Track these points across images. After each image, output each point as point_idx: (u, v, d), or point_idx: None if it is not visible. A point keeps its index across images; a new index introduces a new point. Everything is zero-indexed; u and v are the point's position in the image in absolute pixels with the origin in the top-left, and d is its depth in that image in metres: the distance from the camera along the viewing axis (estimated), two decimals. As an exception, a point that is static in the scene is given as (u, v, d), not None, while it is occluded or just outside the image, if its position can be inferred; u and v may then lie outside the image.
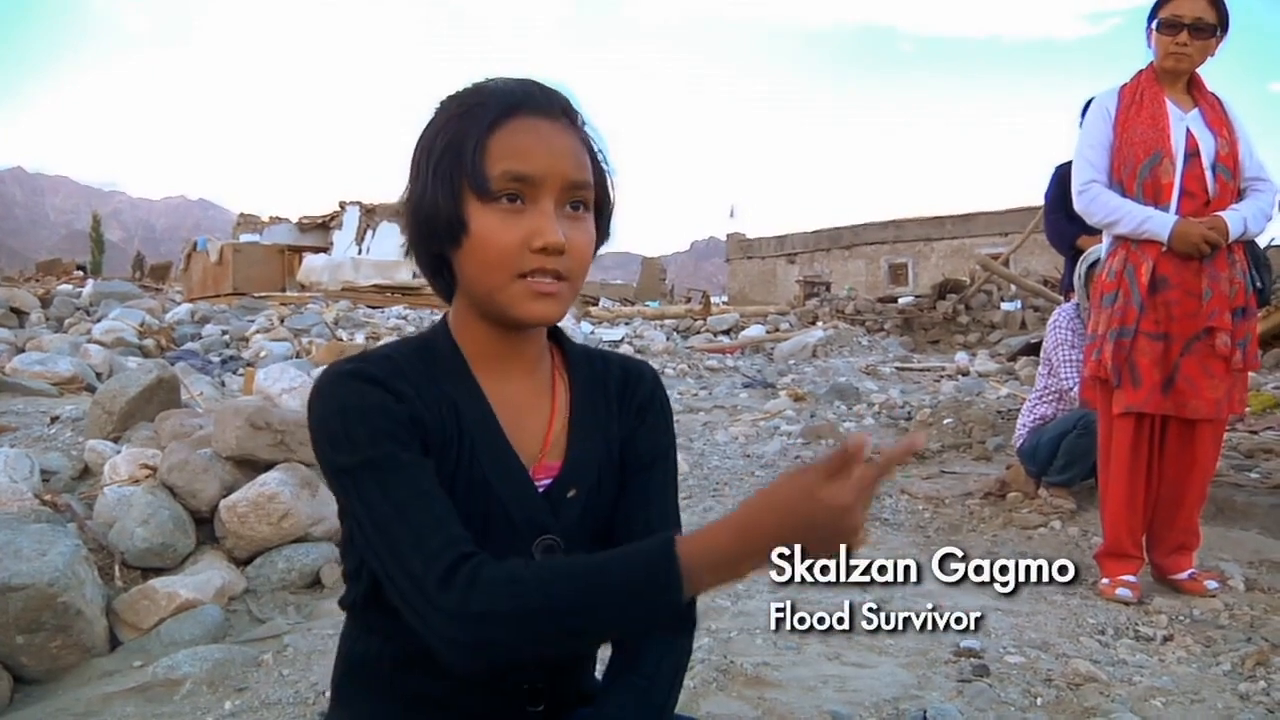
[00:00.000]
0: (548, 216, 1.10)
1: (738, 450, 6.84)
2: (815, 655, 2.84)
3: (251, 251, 28.94)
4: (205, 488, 3.71)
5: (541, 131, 1.12)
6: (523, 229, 1.10)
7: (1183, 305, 3.32)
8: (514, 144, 1.10)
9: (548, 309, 1.12)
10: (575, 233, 1.13)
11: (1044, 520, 4.50)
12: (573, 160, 1.13)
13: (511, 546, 1.16)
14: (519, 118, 1.12)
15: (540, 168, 1.10)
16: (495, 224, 1.10)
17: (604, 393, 1.29)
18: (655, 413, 1.31)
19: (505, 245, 1.09)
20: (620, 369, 1.32)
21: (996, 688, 2.57)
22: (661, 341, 15.85)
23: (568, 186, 1.12)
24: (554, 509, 1.20)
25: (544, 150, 1.11)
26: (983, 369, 11.89)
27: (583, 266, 1.15)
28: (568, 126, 1.15)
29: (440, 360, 1.19)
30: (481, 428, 1.17)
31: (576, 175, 1.13)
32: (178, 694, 2.66)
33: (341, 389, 1.10)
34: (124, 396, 4.85)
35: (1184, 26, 3.33)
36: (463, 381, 1.19)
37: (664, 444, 1.32)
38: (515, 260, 1.10)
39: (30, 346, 10.66)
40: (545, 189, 1.11)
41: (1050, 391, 4.75)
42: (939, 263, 34.12)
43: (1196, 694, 2.57)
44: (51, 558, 2.91)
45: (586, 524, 1.22)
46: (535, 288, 1.11)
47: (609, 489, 1.25)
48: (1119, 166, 3.43)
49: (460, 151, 1.11)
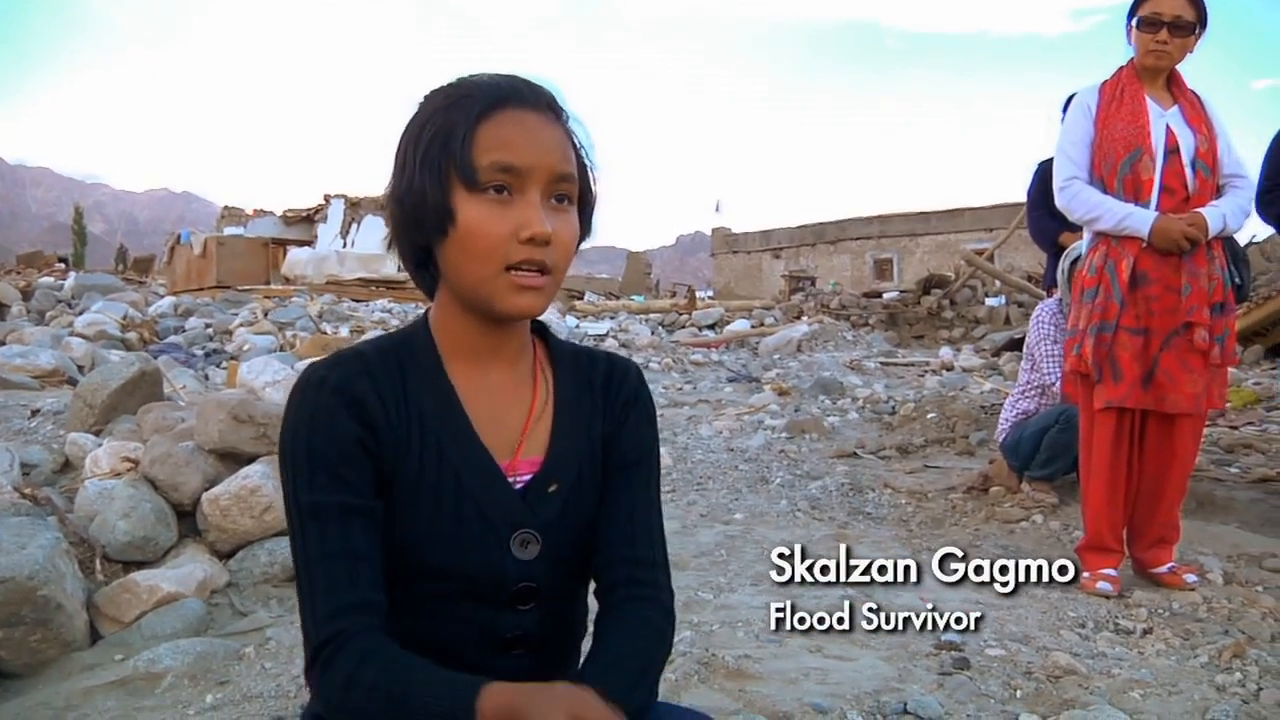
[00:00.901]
0: (535, 207, 1.11)
1: (721, 444, 6.86)
2: (797, 648, 2.85)
3: (235, 244, 28.76)
4: (187, 481, 3.70)
5: (528, 124, 1.12)
6: (511, 220, 1.10)
7: (1162, 301, 3.34)
8: (502, 135, 1.11)
9: (531, 302, 1.13)
10: (560, 225, 1.13)
11: (1026, 514, 4.53)
12: (559, 153, 1.13)
13: (487, 542, 1.17)
14: (506, 110, 1.12)
15: (528, 159, 1.10)
16: (483, 214, 1.10)
17: (589, 389, 1.29)
18: (639, 411, 1.31)
19: (493, 235, 1.10)
20: (606, 365, 1.32)
21: (977, 680, 2.58)
22: (646, 336, 15.86)
23: (554, 179, 1.13)
24: (533, 503, 1.20)
25: (531, 142, 1.11)
26: (967, 364, 11.95)
27: (566, 260, 1.15)
28: (553, 120, 1.16)
29: (415, 357, 1.20)
30: (450, 425, 1.18)
31: (562, 168, 1.13)
32: (159, 687, 2.65)
33: (310, 406, 1.13)
34: (106, 389, 4.83)
35: (1164, 24, 3.35)
36: (434, 380, 1.19)
37: (647, 443, 1.32)
38: (503, 251, 1.10)
39: (11, 339, 10.59)
40: (532, 180, 1.11)
41: (1033, 386, 4.77)
42: (924, 258, 34.23)
43: (1174, 686, 2.59)
44: (31, 551, 2.89)
45: (568, 519, 1.22)
46: (519, 280, 1.11)
47: (591, 484, 1.25)
48: (1099, 163, 3.45)
49: (448, 142, 1.11)
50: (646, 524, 1.27)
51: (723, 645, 2.86)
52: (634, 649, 1.18)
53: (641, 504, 1.28)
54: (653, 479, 1.32)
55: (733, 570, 3.73)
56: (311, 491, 1.12)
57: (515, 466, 1.21)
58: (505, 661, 1.20)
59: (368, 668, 1.05)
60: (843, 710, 2.40)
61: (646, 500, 1.29)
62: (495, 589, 1.18)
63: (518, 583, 1.19)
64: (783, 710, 2.39)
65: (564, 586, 1.25)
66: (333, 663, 1.07)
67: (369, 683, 1.04)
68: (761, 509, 4.90)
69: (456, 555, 1.16)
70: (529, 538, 1.18)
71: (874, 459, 6.34)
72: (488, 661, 1.18)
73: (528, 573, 1.19)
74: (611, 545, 1.24)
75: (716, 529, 4.47)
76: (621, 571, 1.24)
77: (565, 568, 1.23)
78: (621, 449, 1.28)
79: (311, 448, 1.12)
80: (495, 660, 1.20)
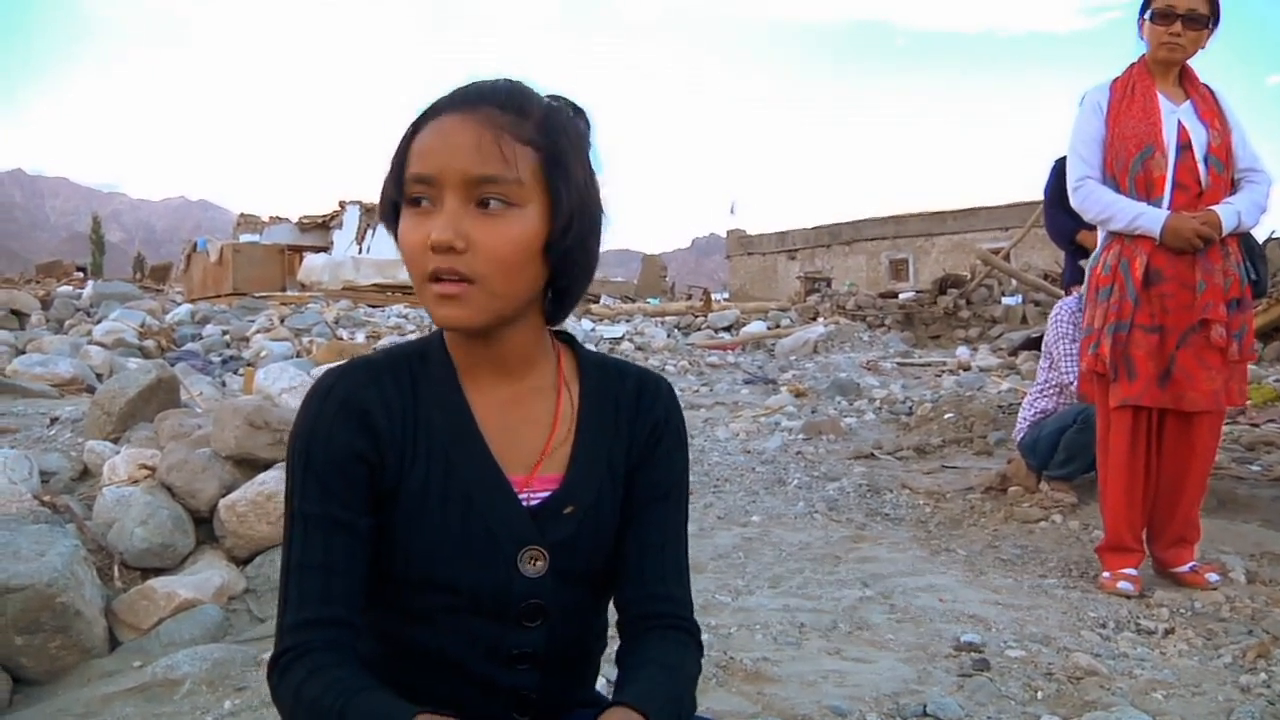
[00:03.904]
0: (444, 215, 1.06)
1: (738, 446, 6.84)
2: (815, 650, 2.84)
3: (252, 251, 28.92)
4: (204, 487, 3.71)
5: (445, 129, 1.08)
6: (425, 229, 1.06)
7: (1177, 298, 3.32)
8: (420, 146, 1.08)
9: (450, 312, 1.08)
10: (481, 231, 1.06)
11: (1045, 514, 4.50)
12: (474, 155, 1.06)
13: (494, 558, 1.15)
14: (435, 118, 1.09)
15: (435, 166, 1.06)
16: (407, 226, 1.09)
17: (614, 407, 1.25)
18: (670, 436, 1.27)
19: (411, 246, 1.08)
20: (636, 383, 1.27)
21: (997, 682, 2.56)
22: (662, 338, 15.86)
23: (469, 182, 1.06)
24: (545, 522, 1.17)
25: (442, 148, 1.06)
26: (984, 364, 11.89)
27: (493, 266, 1.07)
28: (484, 120, 1.07)
29: (428, 367, 1.18)
30: (459, 437, 1.16)
31: (477, 170, 1.06)
32: (177, 694, 2.65)
33: (312, 415, 1.14)
34: (123, 397, 4.85)
35: (1177, 17, 3.33)
36: (446, 391, 1.17)
37: (679, 470, 1.28)
38: (421, 261, 1.07)
39: (30, 348, 10.66)
40: (446, 188, 1.06)
41: (1051, 385, 4.75)
42: (939, 258, 34.12)
43: (1198, 687, 2.57)
44: (50, 558, 2.90)
45: (582, 541, 1.19)
46: (437, 290, 1.07)
47: (610, 506, 1.22)
48: (1112, 161, 3.43)
49: (395, 162, 1.11)
50: (677, 559, 1.25)
51: (741, 648, 2.85)
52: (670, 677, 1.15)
53: (672, 538, 1.25)
54: (683, 506, 1.29)
55: (750, 573, 3.72)
56: (303, 500, 1.13)
57: (530, 483, 1.18)
58: (512, 676, 1.18)
59: (314, 683, 1.06)
60: (862, 713, 2.38)
61: (677, 534, 1.26)
62: (501, 605, 1.16)
63: (524, 600, 1.16)
64: (801, 713, 2.37)
65: (574, 605, 1.21)
66: (288, 672, 1.08)
67: (311, 698, 1.05)
68: (779, 511, 4.89)
69: (462, 569, 1.14)
70: (537, 554, 1.16)
71: (891, 460, 6.32)
72: (495, 675, 1.17)
73: (535, 590, 1.16)
74: (645, 581, 1.22)
75: (734, 531, 4.46)
76: (654, 607, 1.21)
77: (576, 587, 1.20)
78: (653, 479, 1.25)
79: (309, 456, 1.12)
80: (502, 674, 1.18)
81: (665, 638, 1.20)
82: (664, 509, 1.25)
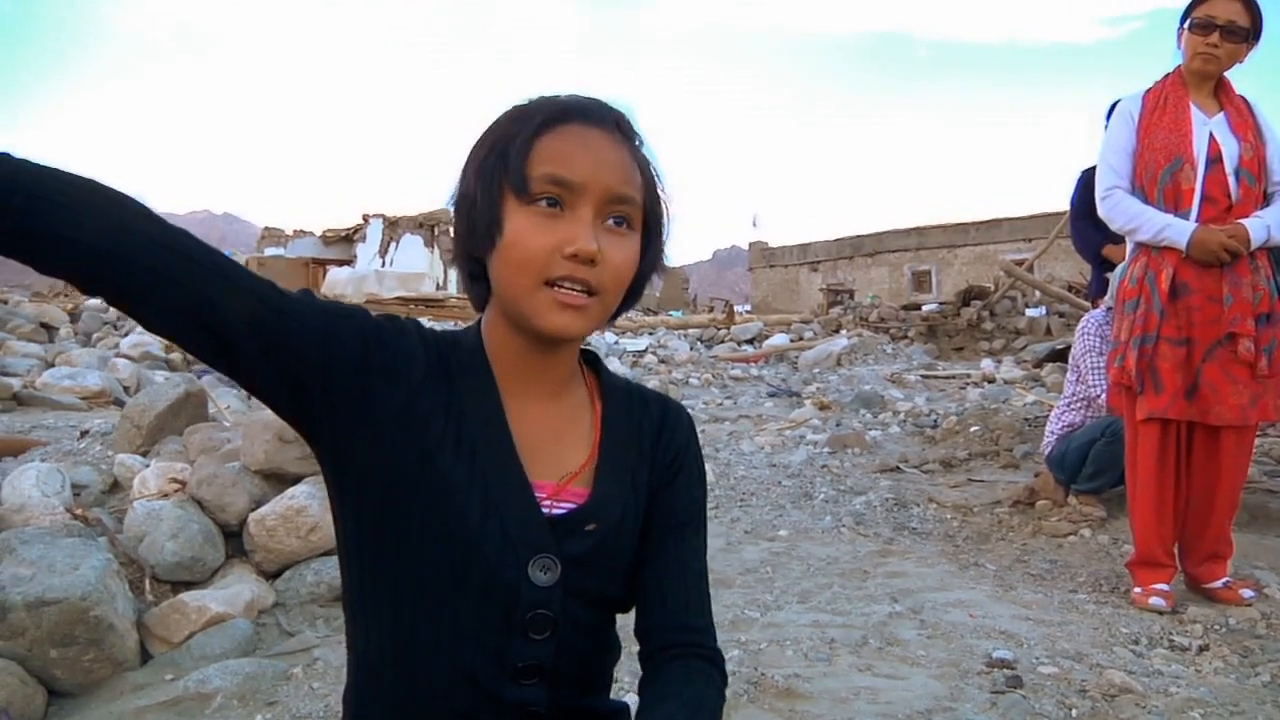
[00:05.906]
0: (584, 224, 1.07)
1: (764, 460, 6.82)
2: (846, 667, 2.83)
3: (276, 265, 29.14)
4: (234, 501, 3.73)
5: (590, 139, 1.09)
6: (557, 234, 1.06)
7: (1204, 311, 3.29)
8: (559, 148, 1.08)
9: (569, 321, 1.08)
10: (613, 248, 1.09)
11: (1074, 528, 4.47)
12: (619, 173, 1.09)
13: (504, 560, 1.12)
14: (570, 124, 1.10)
15: (583, 174, 1.07)
16: (529, 225, 1.07)
17: (638, 432, 1.25)
18: (690, 466, 1.28)
19: (536, 248, 1.06)
20: (659, 411, 1.28)
21: (1030, 699, 2.54)
22: (685, 351, 15.84)
23: (610, 199, 1.09)
24: (563, 534, 1.15)
25: (589, 158, 1.08)
26: (1008, 376, 11.82)
27: (617, 284, 1.11)
28: (620, 140, 1.12)
29: (462, 360, 1.17)
30: (487, 428, 1.14)
31: (620, 189, 1.09)
32: (209, 708, 2.67)
33: (370, 315, 1.15)
34: (152, 410, 4.88)
35: (1217, 27, 3.31)
36: (481, 385, 1.16)
37: (698, 499, 1.29)
38: (545, 265, 1.06)
39: (59, 361, 10.75)
40: (586, 197, 1.07)
41: (1078, 398, 4.72)
42: (962, 269, 34.00)
43: (1235, 706, 2.54)
44: (84, 571, 2.92)
45: (598, 561, 1.17)
46: (561, 298, 1.07)
47: (630, 531, 1.21)
48: (1141, 172, 3.41)
49: (505, 152, 1.09)
50: (699, 588, 1.25)
51: (771, 664, 2.84)
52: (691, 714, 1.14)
53: (693, 567, 1.25)
54: (702, 535, 1.29)
55: (779, 587, 3.70)
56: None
57: (559, 493, 1.17)
58: (518, 691, 1.15)
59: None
60: (894, 730, 2.37)
61: (697, 562, 1.26)
62: (508, 610, 1.13)
63: (532, 609, 1.13)
64: (833, 730, 2.36)
65: (584, 622, 1.19)
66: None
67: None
68: (806, 525, 4.87)
69: (474, 562, 1.11)
70: (549, 564, 1.13)
71: (917, 473, 6.29)
72: (502, 689, 1.14)
73: (543, 600, 1.13)
74: (665, 611, 1.22)
75: (761, 546, 4.44)
76: (675, 637, 1.21)
77: (587, 604, 1.18)
78: (674, 506, 1.25)
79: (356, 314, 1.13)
80: (508, 689, 1.14)
81: (688, 668, 1.19)
82: (683, 537, 1.25)
